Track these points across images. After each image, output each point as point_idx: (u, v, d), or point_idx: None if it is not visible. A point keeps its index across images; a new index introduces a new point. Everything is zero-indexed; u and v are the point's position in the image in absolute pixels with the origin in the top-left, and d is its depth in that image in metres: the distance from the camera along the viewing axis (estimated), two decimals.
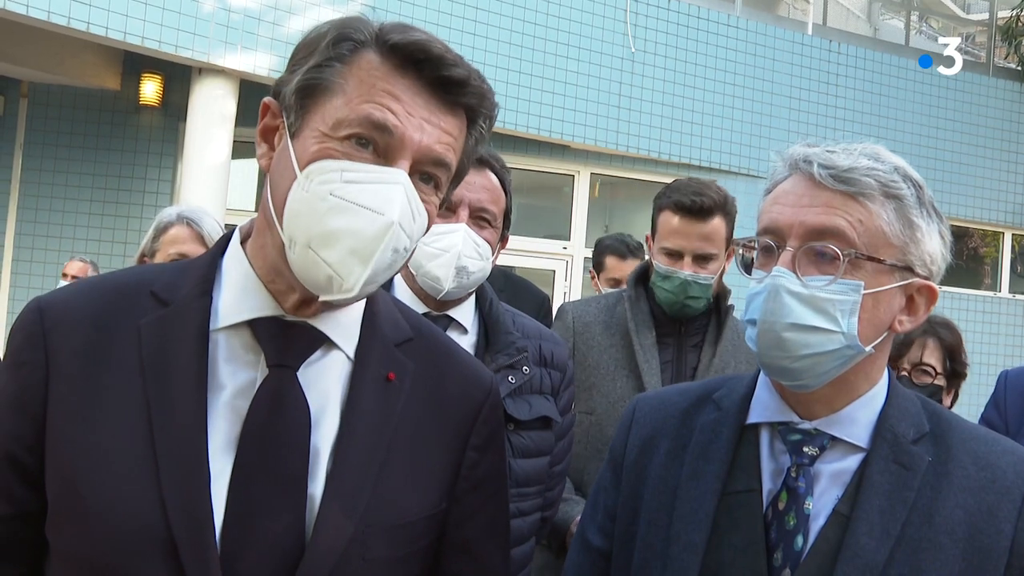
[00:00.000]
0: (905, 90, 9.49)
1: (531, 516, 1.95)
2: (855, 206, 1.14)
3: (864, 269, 1.14)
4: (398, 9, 7.13)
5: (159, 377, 1.03)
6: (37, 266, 7.34)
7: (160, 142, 7.55)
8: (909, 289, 1.18)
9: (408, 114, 1.03)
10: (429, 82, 1.05)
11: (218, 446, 1.03)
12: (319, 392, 1.09)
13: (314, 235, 1.00)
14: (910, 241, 1.15)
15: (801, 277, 1.14)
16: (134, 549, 0.98)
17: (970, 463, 1.16)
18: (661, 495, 1.27)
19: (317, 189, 1.00)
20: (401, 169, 1.02)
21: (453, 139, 1.08)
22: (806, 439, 1.20)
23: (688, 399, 1.35)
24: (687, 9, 8.51)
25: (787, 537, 1.17)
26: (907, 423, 1.19)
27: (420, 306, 1.90)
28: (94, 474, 1.00)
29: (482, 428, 1.21)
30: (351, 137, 1.02)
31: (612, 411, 2.29)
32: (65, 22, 5.86)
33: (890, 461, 1.16)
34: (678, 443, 1.30)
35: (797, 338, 1.14)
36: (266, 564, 1.01)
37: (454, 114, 1.08)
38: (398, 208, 1.00)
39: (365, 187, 1.00)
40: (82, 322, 1.07)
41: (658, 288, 2.40)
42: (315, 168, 1.01)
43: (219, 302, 1.09)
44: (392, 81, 1.04)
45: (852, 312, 1.14)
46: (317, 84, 1.04)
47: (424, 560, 1.16)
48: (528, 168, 8.28)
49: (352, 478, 1.07)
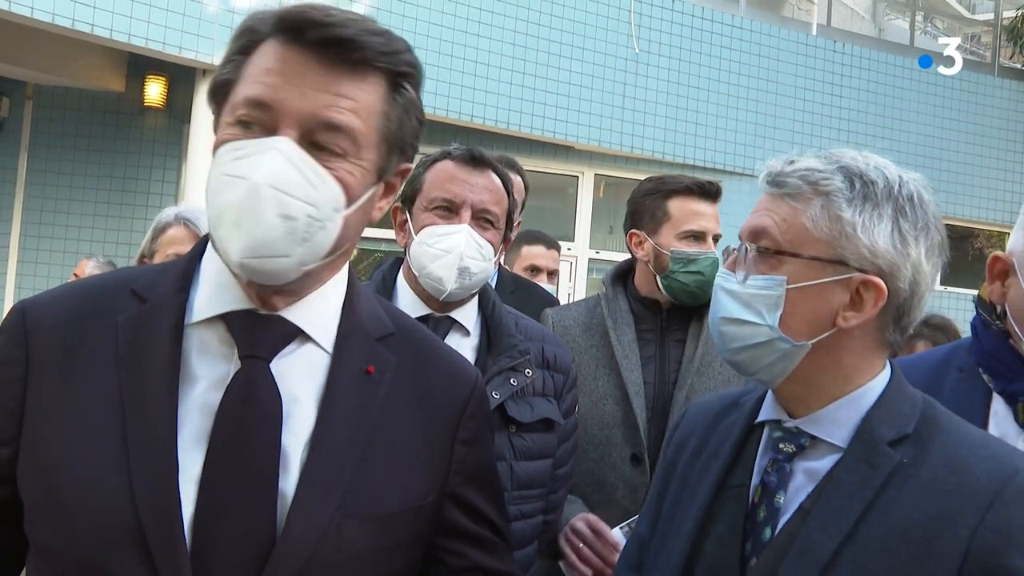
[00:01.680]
0: (910, 91, 9.48)
1: (533, 519, 1.95)
2: (783, 205, 1.21)
3: (788, 264, 1.19)
4: (401, 10, 7.14)
5: (133, 372, 1.06)
6: (42, 267, 7.35)
7: (164, 143, 7.56)
8: (851, 284, 1.18)
9: (288, 84, 1.03)
10: (318, 49, 1.04)
11: (190, 438, 1.05)
12: (293, 384, 1.10)
13: (213, 217, 1.03)
14: (839, 235, 1.17)
15: (735, 275, 1.23)
16: (107, 542, 1.00)
17: (943, 466, 1.13)
18: (678, 487, 1.35)
19: (215, 171, 1.04)
20: (284, 137, 1.02)
21: (353, 102, 1.06)
22: (786, 436, 1.24)
23: (724, 403, 1.41)
24: (691, 10, 8.50)
25: (757, 529, 1.22)
26: (890, 425, 1.18)
27: (423, 308, 1.90)
28: (68, 468, 1.02)
29: (469, 423, 1.23)
30: (239, 121, 1.04)
31: (594, 409, 2.28)
32: (70, 24, 5.87)
33: (860, 461, 1.16)
34: (703, 442, 1.36)
35: (730, 331, 1.24)
36: (237, 556, 1.02)
37: (356, 76, 1.06)
38: (265, 170, 1.00)
39: (243, 159, 1.02)
40: (63, 321, 1.09)
41: (680, 275, 2.32)
42: (217, 154, 1.05)
43: (195, 298, 1.11)
44: (276, 57, 1.05)
45: (776, 306, 1.19)
46: (223, 81, 1.08)
47: (409, 553, 1.17)
48: (532, 169, 8.26)
49: (327, 469, 1.08)
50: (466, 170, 1.89)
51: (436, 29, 7.31)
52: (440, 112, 7.28)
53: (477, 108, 7.50)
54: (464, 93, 7.42)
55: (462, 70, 7.42)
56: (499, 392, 1.86)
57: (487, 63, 7.54)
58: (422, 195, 1.91)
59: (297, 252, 1.03)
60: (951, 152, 9.63)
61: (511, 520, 1.87)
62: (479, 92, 7.50)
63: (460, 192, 1.86)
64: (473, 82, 7.47)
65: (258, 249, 1.01)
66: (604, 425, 2.27)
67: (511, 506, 1.87)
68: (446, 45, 7.34)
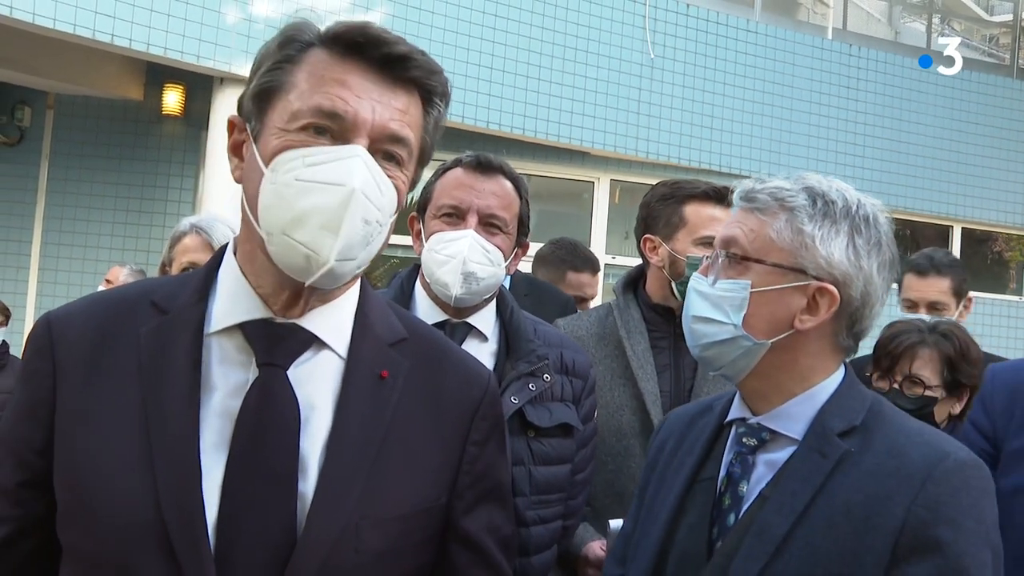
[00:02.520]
0: (927, 94, 9.41)
1: (552, 524, 1.95)
2: (751, 218, 1.37)
3: (752, 270, 1.34)
4: (417, 17, 7.17)
5: (155, 380, 1.09)
6: (63, 275, 7.42)
7: (182, 151, 7.62)
8: (808, 291, 1.33)
9: (358, 97, 1.09)
10: (374, 62, 1.11)
11: (212, 444, 1.08)
12: (310, 390, 1.14)
13: (287, 221, 1.06)
14: (800, 247, 1.32)
15: (708, 278, 1.38)
16: (134, 544, 1.04)
17: (884, 452, 1.28)
18: (656, 483, 1.48)
19: (283, 178, 1.06)
20: (360, 146, 1.08)
21: (407, 115, 1.13)
22: (749, 432, 1.38)
23: (699, 407, 1.56)
24: (706, 15, 8.49)
25: (723, 515, 1.35)
26: (840, 418, 1.32)
27: (439, 314, 1.92)
28: (96, 474, 1.06)
29: (481, 423, 1.25)
30: (307, 128, 1.08)
31: (611, 420, 2.27)
32: (90, 34, 5.94)
33: (813, 451, 1.31)
34: (678, 443, 1.50)
35: (699, 328, 1.38)
36: (259, 556, 1.06)
37: (405, 91, 1.14)
38: (359, 177, 1.05)
39: (326, 166, 1.06)
40: (86, 333, 1.13)
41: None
42: (279, 160, 1.07)
43: (213, 308, 1.15)
44: (338, 69, 1.10)
45: (740, 307, 1.34)
46: (270, 86, 1.11)
47: (423, 554, 1.19)
48: (548, 175, 8.28)
49: (344, 472, 1.11)
50: (474, 176, 1.91)
51: (451, 36, 7.33)
52: (455, 118, 7.29)
53: (492, 114, 7.52)
54: (480, 99, 7.44)
55: (477, 76, 7.44)
56: (518, 397, 1.87)
57: (502, 69, 7.55)
58: (432, 203, 1.93)
59: (361, 255, 1.10)
60: (969, 155, 9.55)
61: (530, 525, 1.89)
62: (494, 98, 7.52)
63: (466, 198, 1.88)
64: (489, 88, 7.50)
65: (345, 252, 1.06)
66: (622, 436, 2.26)
67: (530, 511, 1.89)
68: (461, 52, 7.36)
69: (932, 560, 1.18)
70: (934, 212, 9.52)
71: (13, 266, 7.45)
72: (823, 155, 8.87)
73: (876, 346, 2.47)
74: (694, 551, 1.35)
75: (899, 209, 9.28)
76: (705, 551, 1.34)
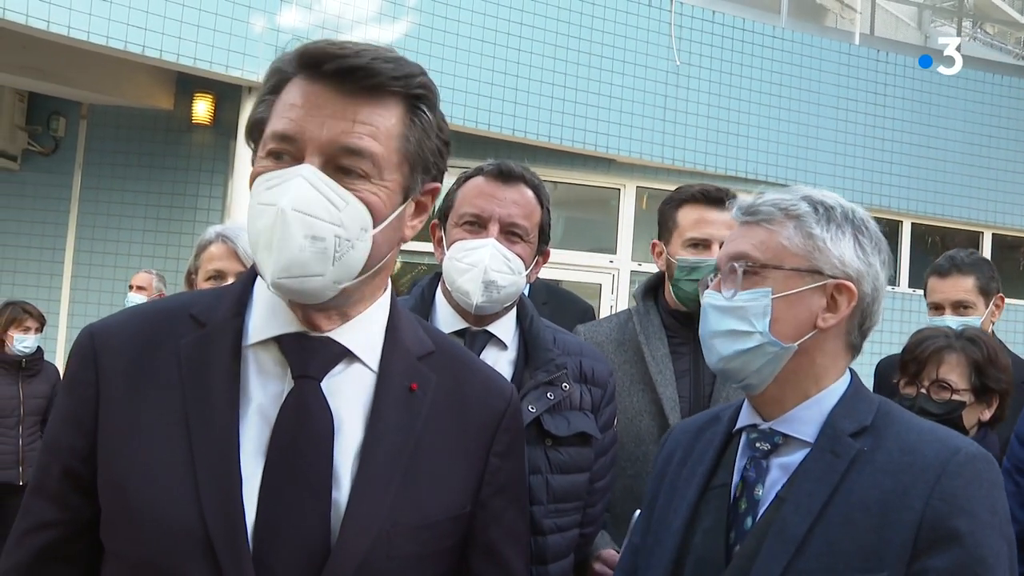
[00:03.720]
0: (957, 99, 9.29)
1: (570, 532, 1.96)
2: (758, 231, 1.41)
3: (770, 278, 1.38)
4: (443, 26, 7.22)
5: (196, 391, 1.13)
6: (95, 282, 7.54)
7: (212, 159, 7.72)
8: (827, 290, 1.38)
9: (309, 116, 1.11)
10: (332, 78, 1.11)
11: (250, 452, 1.12)
12: (343, 401, 1.17)
13: (252, 243, 1.12)
14: (813, 249, 1.38)
15: (723, 294, 1.41)
16: (177, 549, 1.07)
17: (896, 449, 1.31)
18: (667, 493, 1.51)
19: (251, 203, 1.12)
20: (308, 164, 1.10)
21: (371, 127, 1.12)
22: (761, 437, 1.40)
23: (706, 418, 1.58)
24: (732, 21, 8.46)
25: (739, 519, 1.38)
26: (850, 419, 1.36)
27: (459, 322, 1.93)
28: (140, 481, 1.10)
29: (503, 436, 1.29)
30: (270, 154, 1.13)
31: (630, 426, 2.28)
32: (122, 46, 6.04)
33: (826, 451, 1.34)
34: (687, 453, 1.52)
35: (719, 342, 1.41)
36: (295, 561, 1.09)
37: (373, 102, 1.13)
38: (290, 196, 1.07)
39: (273, 188, 1.10)
40: (128, 344, 1.17)
41: (684, 284, 2.35)
42: (253, 187, 1.13)
43: (250, 322, 1.19)
44: (299, 92, 1.13)
45: (764, 314, 1.37)
46: (257, 120, 1.16)
47: (449, 561, 1.23)
48: (574, 182, 8.29)
49: (377, 481, 1.14)
50: (495, 185, 1.92)
51: (477, 44, 7.37)
52: (482, 126, 7.33)
53: (519, 122, 7.54)
54: (505, 107, 7.47)
55: (504, 84, 7.47)
56: (535, 406, 1.88)
57: (528, 77, 7.58)
58: (454, 211, 1.95)
59: (330, 271, 1.10)
60: (1000, 160, 9.42)
61: (547, 533, 1.89)
62: (520, 106, 7.55)
63: (487, 207, 1.90)
64: (515, 96, 7.52)
65: (289, 269, 1.08)
66: (640, 441, 2.27)
67: (547, 519, 1.89)
68: (487, 60, 7.40)
69: (951, 551, 1.21)
70: (964, 218, 9.40)
71: (47, 273, 7.59)
72: (850, 161, 8.80)
73: (903, 352, 2.46)
74: (711, 556, 1.37)
75: (929, 216, 9.18)
76: (723, 555, 1.36)
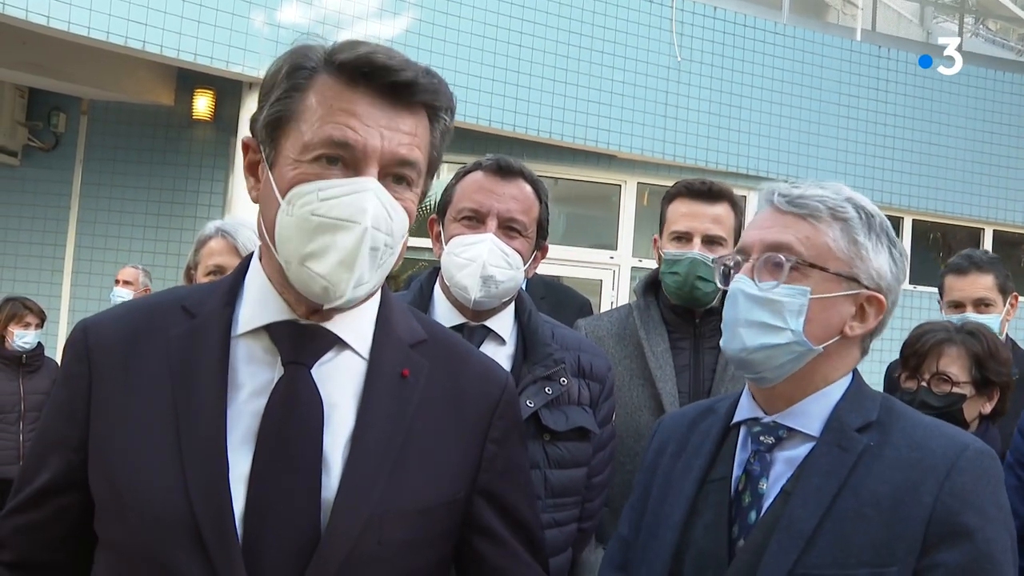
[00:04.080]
0: (959, 95, 9.27)
1: (567, 527, 1.96)
2: (804, 225, 1.37)
3: (811, 277, 1.35)
4: (444, 21, 7.21)
5: (186, 381, 1.15)
6: (96, 277, 7.54)
7: (212, 155, 7.73)
8: (858, 299, 1.37)
9: (366, 126, 1.12)
10: (381, 90, 1.14)
11: (239, 440, 1.13)
12: (333, 388, 1.18)
13: (305, 254, 1.11)
14: (855, 257, 1.36)
15: (757, 282, 1.36)
16: (165, 536, 1.09)
17: (904, 445, 1.31)
18: (662, 486, 1.49)
19: (300, 212, 1.10)
20: (370, 176, 1.11)
21: (415, 137, 1.17)
22: (764, 430, 1.39)
23: (698, 410, 1.57)
24: (733, 17, 8.44)
25: (743, 513, 1.36)
26: (856, 414, 1.36)
27: (458, 317, 1.93)
28: (130, 470, 1.12)
29: (499, 422, 1.30)
30: (320, 158, 1.12)
31: (630, 420, 2.29)
32: (123, 42, 6.03)
33: (833, 446, 1.33)
34: (681, 445, 1.51)
35: (750, 333, 1.36)
36: (285, 548, 1.10)
37: (412, 114, 1.17)
38: (371, 213, 1.10)
39: (340, 200, 1.10)
40: (120, 337, 1.19)
41: (667, 277, 2.37)
42: (294, 193, 1.11)
43: (240, 312, 1.20)
44: (346, 98, 1.13)
45: (800, 313, 1.34)
46: (281, 115, 1.15)
47: (442, 547, 1.24)
48: (575, 178, 8.28)
49: (368, 466, 1.15)
50: (493, 180, 1.93)
51: (478, 40, 7.36)
52: (483, 122, 7.32)
53: (519, 118, 7.53)
54: (506, 103, 7.46)
55: (505, 80, 7.46)
56: (533, 401, 1.88)
57: (529, 73, 7.57)
58: (452, 206, 1.95)
59: (374, 278, 1.15)
60: (1001, 157, 9.40)
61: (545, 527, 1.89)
62: (521, 102, 7.54)
63: (486, 202, 1.90)
64: (516, 92, 7.51)
65: (359, 281, 1.12)
66: (640, 436, 2.27)
67: (545, 514, 1.88)
68: (488, 56, 7.39)
69: (961, 546, 1.22)
70: (965, 215, 9.39)
71: (48, 269, 7.60)
72: (852, 157, 8.78)
73: (903, 346, 2.46)
74: (713, 550, 1.36)
75: (930, 212, 9.17)
76: (725, 550, 1.35)
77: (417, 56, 1.19)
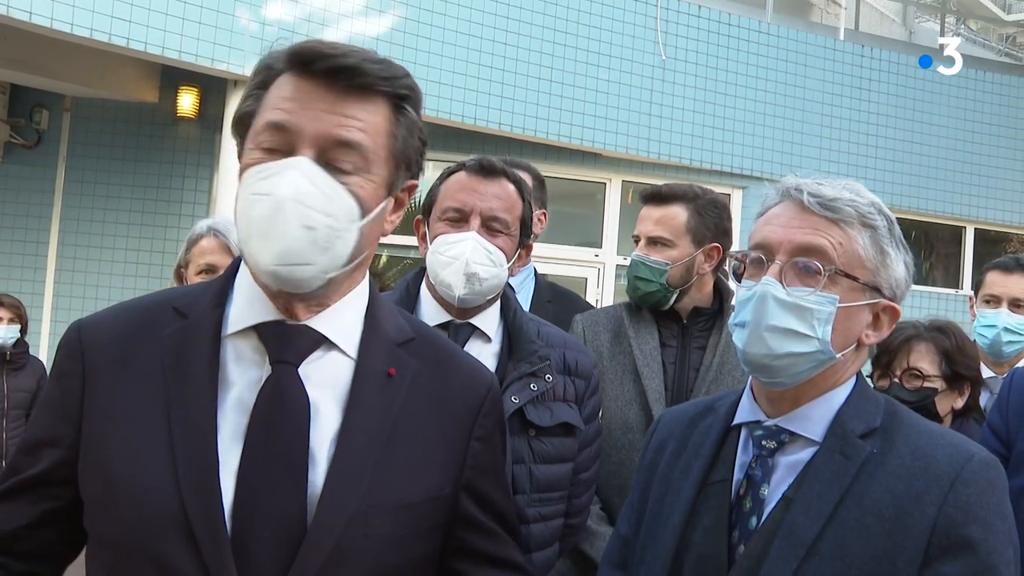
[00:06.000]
0: (941, 94, 9.35)
1: (554, 521, 1.98)
2: (836, 230, 1.33)
3: (840, 286, 1.32)
4: (429, 19, 7.20)
5: (177, 379, 1.18)
6: (79, 275, 7.51)
7: (197, 153, 7.70)
8: (876, 308, 1.36)
9: (303, 109, 1.15)
10: (326, 76, 1.16)
11: (229, 436, 1.16)
12: (320, 387, 1.21)
13: (243, 233, 1.15)
14: (880, 266, 1.34)
15: (786, 287, 1.32)
16: (156, 530, 1.12)
17: (907, 453, 1.29)
18: (661, 486, 1.46)
19: (242, 192, 1.15)
20: (302, 157, 1.13)
21: (361, 122, 1.17)
22: (767, 434, 1.37)
23: (698, 408, 1.54)
24: (717, 16, 8.49)
25: (743, 518, 1.35)
26: (859, 420, 1.34)
27: (444, 315, 1.95)
28: (122, 466, 1.15)
29: (484, 420, 1.33)
30: (261, 146, 1.16)
31: (620, 414, 2.38)
32: (106, 39, 6.01)
33: (835, 452, 1.31)
34: (681, 444, 1.48)
35: (777, 339, 1.31)
36: (272, 541, 1.13)
37: (364, 100, 1.18)
38: (288, 187, 1.12)
39: (269, 178, 1.13)
40: (114, 338, 1.22)
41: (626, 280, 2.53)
42: (244, 177, 1.16)
43: (230, 312, 1.23)
44: (291, 87, 1.17)
45: (827, 321, 1.31)
46: (245, 113, 1.20)
47: (427, 542, 1.26)
48: (559, 176, 8.29)
49: (354, 462, 1.18)
50: (476, 179, 1.96)
51: (463, 38, 7.37)
52: (468, 120, 7.34)
53: (505, 116, 7.55)
54: (492, 101, 7.48)
55: (490, 78, 7.47)
56: (518, 397, 1.90)
57: (514, 71, 7.58)
58: (436, 206, 1.98)
59: (320, 260, 1.15)
60: (983, 156, 9.48)
61: (530, 522, 1.92)
62: (506, 100, 7.55)
63: (469, 200, 1.93)
64: (501, 90, 7.53)
65: (285, 257, 1.12)
66: (628, 429, 2.36)
67: (530, 508, 1.92)
68: (473, 54, 7.40)
69: (964, 559, 1.21)
70: (947, 213, 9.47)
71: (31, 267, 7.55)
72: (835, 156, 8.84)
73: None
74: (712, 555, 1.34)
75: (912, 210, 9.24)
76: (725, 555, 1.34)
77: (403, 54, 1.21)
